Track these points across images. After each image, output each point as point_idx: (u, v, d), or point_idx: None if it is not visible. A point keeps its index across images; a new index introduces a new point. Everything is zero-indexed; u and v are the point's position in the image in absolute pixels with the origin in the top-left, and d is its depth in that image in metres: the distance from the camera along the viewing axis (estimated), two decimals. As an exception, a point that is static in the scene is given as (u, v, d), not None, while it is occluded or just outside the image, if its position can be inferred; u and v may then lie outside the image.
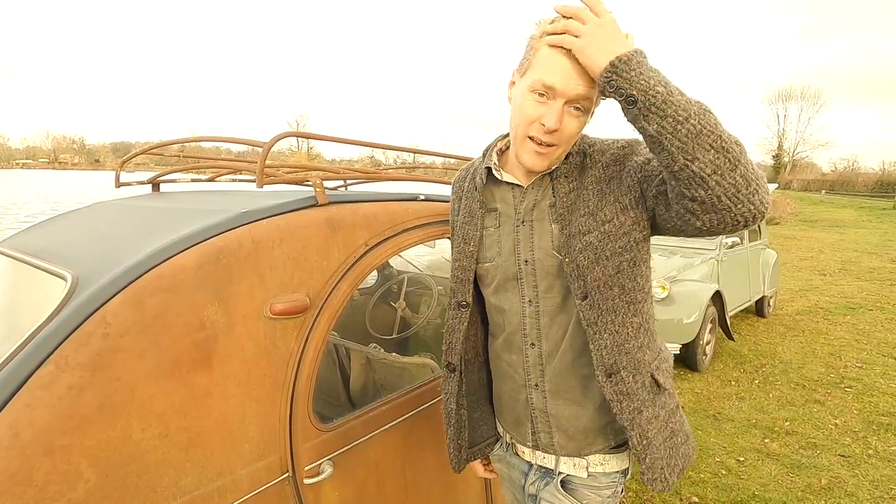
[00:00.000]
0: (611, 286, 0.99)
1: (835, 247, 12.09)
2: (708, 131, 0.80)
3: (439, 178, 1.95)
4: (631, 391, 1.02)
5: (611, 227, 0.98)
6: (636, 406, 1.03)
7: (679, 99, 0.81)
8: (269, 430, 1.16)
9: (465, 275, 1.14)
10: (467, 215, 1.15)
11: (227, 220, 1.16)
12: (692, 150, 0.80)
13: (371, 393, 1.97)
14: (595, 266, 0.98)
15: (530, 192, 1.08)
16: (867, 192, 42.24)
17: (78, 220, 1.60)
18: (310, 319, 1.23)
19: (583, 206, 1.01)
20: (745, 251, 5.36)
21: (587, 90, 0.92)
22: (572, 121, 0.95)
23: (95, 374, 0.93)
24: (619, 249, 0.99)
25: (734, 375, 4.33)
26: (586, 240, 0.99)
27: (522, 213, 1.08)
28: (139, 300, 1.00)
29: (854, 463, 2.99)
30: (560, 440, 1.11)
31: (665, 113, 0.80)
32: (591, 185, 1.02)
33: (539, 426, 1.13)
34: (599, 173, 1.02)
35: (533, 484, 1.18)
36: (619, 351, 1.01)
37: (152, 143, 1.87)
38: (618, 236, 0.98)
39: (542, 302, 1.07)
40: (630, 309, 1.01)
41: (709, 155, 0.80)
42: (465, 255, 1.13)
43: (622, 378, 1.01)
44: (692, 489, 2.73)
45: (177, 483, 1.02)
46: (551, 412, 1.10)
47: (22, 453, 0.85)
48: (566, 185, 1.04)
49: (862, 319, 5.91)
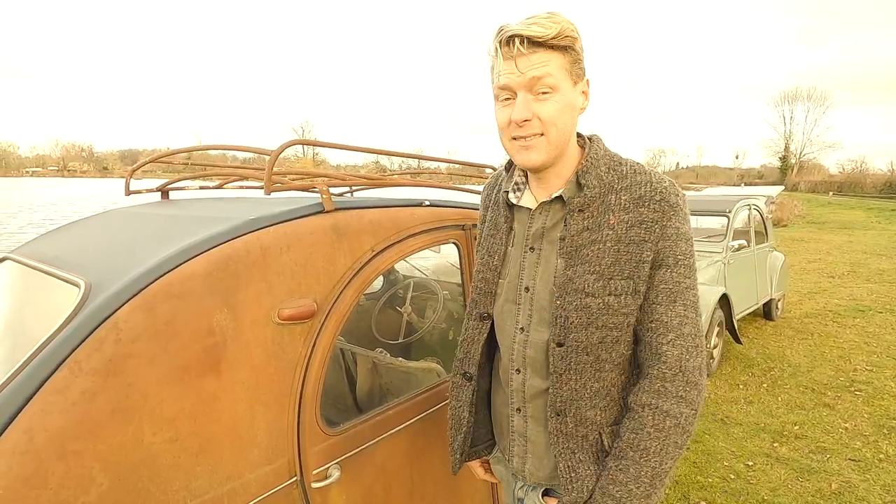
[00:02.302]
0: (587, 352, 0.97)
1: (843, 249, 11.99)
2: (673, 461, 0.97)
3: (444, 183, 1.97)
4: (570, 434, 1.01)
5: (615, 302, 0.95)
6: (571, 447, 1.01)
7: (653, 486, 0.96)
8: (278, 434, 1.18)
9: (488, 287, 1.11)
10: (493, 228, 1.13)
11: (236, 227, 1.18)
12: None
13: (377, 397, 1.98)
14: (584, 329, 0.96)
15: (538, 218, 1.04)
16: (876, 193, 41.86)
17: (90, 228, 1.62)
18: (317, 325, 1.25)
19: (594, 260, 0.96)
20: (753, 254, 5.33)
21: (540, 71, 0.90)
22: (543, 104, 0.92)
23: (108, 380, 0.95)
24: (612, 324, 0.96)
25: (742, 379, 4.30)
26: (586, 301, 0.95)
27: (531, 239, 1.05)
28: (150, 306, 1.01)
29: (865, 467, 2.96)
30: (531, 466, 1.11)
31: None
32: (609, 239, 0.95)
33: (515, 449, 1.12)
34: (621, 229, 0.95)
35: (521, 488, 1.18)
36: (570, 403, 1.00)
37: (161, 151, 1.90)
38: (618, 313, 0.96)
39: (531, 333, 1.04)
40: (594, 374, 0.99)
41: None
42: (490, 269, 1.11)
43: (565, 421, 1.01)
44: (700, 494, 2.72)
45: (187, 487, 1.03)
46: (530, 438, 1.09)
47: (36, 457, 0.87)
48: (580, 221, 0.98)
49: (871, 322, 5.86)
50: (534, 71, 0.90)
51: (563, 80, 0.92)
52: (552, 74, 0.91)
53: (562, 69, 0.92)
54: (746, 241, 5.23)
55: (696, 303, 0.99)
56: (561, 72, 0.92)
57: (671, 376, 0.95)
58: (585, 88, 0.98)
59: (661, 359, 0.96)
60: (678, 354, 0.96)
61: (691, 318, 0.97)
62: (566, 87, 0.93)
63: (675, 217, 0.95)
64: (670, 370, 0.95)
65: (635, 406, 0.98)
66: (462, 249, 1.72)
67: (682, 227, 0.96)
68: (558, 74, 0.91)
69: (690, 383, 0.96)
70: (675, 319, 0.96)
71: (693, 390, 0.96)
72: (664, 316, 0.96)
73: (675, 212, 0.95)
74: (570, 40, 0.91)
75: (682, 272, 0.96)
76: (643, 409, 0.96)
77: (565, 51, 0.91)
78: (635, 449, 0.95)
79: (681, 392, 0.95)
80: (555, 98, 0.92)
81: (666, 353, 0.96)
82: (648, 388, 0.97)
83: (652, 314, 0.97)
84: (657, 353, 0.97)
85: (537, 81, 0.91)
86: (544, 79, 0.91)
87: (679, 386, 0.95)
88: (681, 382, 0.95)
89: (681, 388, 0.95)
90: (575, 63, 0.94)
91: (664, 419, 0.95)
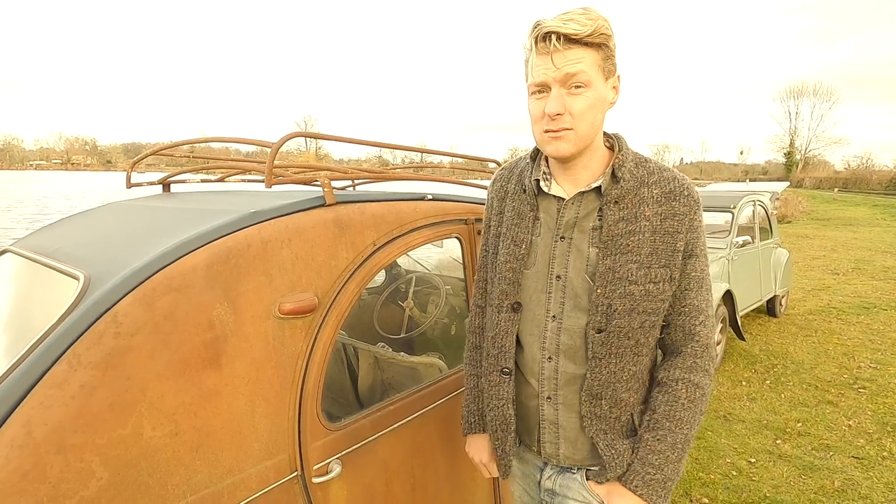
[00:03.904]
0: (628, 336, 1.03)
1: (848, 245, 11.93)
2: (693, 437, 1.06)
3: (447, 177, 1.95)
4: (604, 416, 1.07)
5: (654, 289, 1.02)
6: (604, 428, 1.08)
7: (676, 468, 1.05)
8: (278, 428, 1.17)
9: (515, 276, 1.12)
10: (517, 217, 1.14)
11: (237, 220, 1.17)
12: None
13: (379, 392, 1.98)
14: (626, 315, 1.02)
15: (571, 207, 1.07)
16: (881, 189, 41.58)
17: (90, 221, 1.61)
18: (318, 319, 1.24)
19: (635, 250, 1.02)
20: (757, 250, 5.30)
21: (575, 67, 0.93)
22: (576, 99, 0.96)
23: (107, 373, 0.94)
24: (651, 310, 1.03)
25: (745, 376, 4.29)
26: (630, 289, 1.01)
27: (562, 227, 1.07)
28: (150, 300, 1.00)
29: (868, 465, 2.95)
30: (566, 451, 1.13)
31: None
32: (647, 230, 1.02)
33: (546, 436, 1.14)
34: (656, 221, 1.02)
35: (550, 478, 1.18)
36: (608, 386, 1.06)
37: (163, 143, 1.89)
38: (656, 299, 1.03)
39: (565, 320, 1.07)
40: (633, 359, 1.06)
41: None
42: (516, 258, 1.12)
43: (600, 404, 1.07)
44: (702, 490, 2.71)
45: (187, 481, 1.03)
46: (561, 424, 1.12)
47: (35, 451, 0.87)
48: (617, 212, 1.03)
49: (876, 319, 5.83)
50: (568, 67, 0.93)
51: (595, 75, 0.96)
52: (586, 71, 0.94)
53: (595, 65, 0.95)
54: (751, 237, 5.20)
55: (710, 286, 1.11)
56: (594, 68, 0.95)
57: (701, 352, 1.08)
58: (616, 84, 1.03)
59: (694, 338, 1.08)
60: (707, 333, 1.08)
61: (710, 301, 1.10)
62: (598, 82, 0.97)
63: (699, 211, 1.05)
64: (701, 347, 1.08)
65: (669, 381, 1.08)
66: (465, 244, 1.71)
67: (702, 220, 1.07)
68: (591, 70, 0.95)
69: (712, 357, 1.10)
70: (704, 303, 1.08)
71: (712, 364, 1.10)
72: (695, 300, 1.07)
73: (699, 206, 1.05)
74: (605, 37, 0.94)
75: (703, 261, 1.07)
76: (677, 383, 1.07)
77: (599, 48, 0.95)
78: (671, 419, 1.05)
79: (707, 366, 1.09)
80: (587, 94, 0.96)
81: (699, 332, 1.07)
82: (682, 365, 1.08)
83: (684, 299, 1.06)
84: (691, 334, 1.08)
85: (571, 77, 0.94)
86: (578, 75, 0.94)
87: (706, 361, 1.09)
88: (707, 358, 1.09)
89: (707, 363, 1.09)
90: (607, 59, 0.97)
91: (695, 391, 1.06)
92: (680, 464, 1.05)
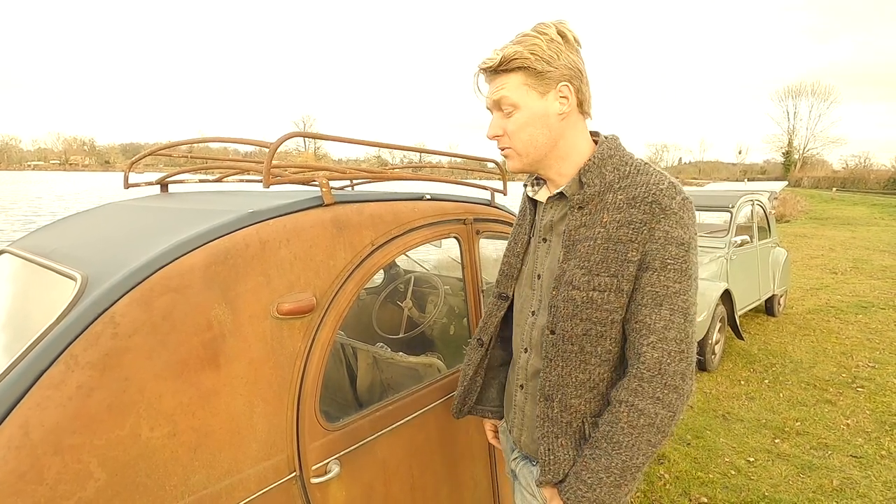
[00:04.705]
0: (572, 342, 1.03)
1: (846, 245, 11.95)
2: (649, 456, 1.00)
3: (445, 177, 1.95)
4: (555, 418, 1.07)
5: (598, 297, 1.00)
6: (554, 431, 1.07)
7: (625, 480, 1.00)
8: (277, 429, 1.17)
9: (511, 271, 1.22)
10: (521, 217, 1.24)
11: (235, 220, 1.17)
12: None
13: (378, 392, 1.98)
14: (569, 319, 1.03)
15: (548, 211, 1.13)
16: (879, 189, 41.65)
17: (87, 221, 1.61)
18: (316, 319, 1.24)
19: (584, 255, 1.01)
20: (755, 249, 5.31)
21: (498, 94, 1.02)
22: (508, 121, 1.04)
23: (104, 374, 0.94)
24: (594, 319, 1.01)
25: (744, 375, 4.29)
26: (572, 294, 1.02)
27: (542, 230, 1.14)
28: (148, 300, 1.00)
29: (866, 464, 2.95)
30: (526, 439, 1.19)
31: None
32: (600, 237, 1.00)
33: (515, 420, 1.22)
34: (612, 227, 0.99)
35: (515, 460, 1.26)
36: (557, 389, 1.06)
37: (161, 144, 1.88)
38: (601, 309, 1.00)
39: (540, 317, 1.12)
40: (580, 366, 1.04)
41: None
42: (514, 254, 1.22)
43: (552, 406, 1.07)
44: (701, 490, 2.71)
45: (185, 482, 1.02)
46: (526, 413, 1.18)
47: (32, 453, 0.86)
48: (579, 217, 1.04)
49: (874, 318, 5.84)
50: (493, 95, 1.04)
51: (523, 97, 1.01)
52: (508, 96, 1.02)
53: (520, 88, 1.01)
54: (749, 236, 5.20)
55: (685, 308, 0.98)
56: (520, 90, 1.01)
57: (649, 377, 0.97)
58: (565, 93, 1.02)
59: (640, 359, 0.98)
60: (658, 357, 0.97)
61: (677, 323, 0.97)
62: (530, 101, 1.01)
63: (665, 220, 0.96)
64: (648, 371, 0.97)
65: (613, 401, 1.02)
66: (463, 243, 1.71)
67: (672, 230, 0.96)
68: (517, 93, 1.01)
69: (669, 386, 0.97)
70: (660, 323, 0.97)
71: (672, 393, 0.97)
72: (648, 318, 0.98)
73: (666, 215, 0.96)
74: (520, 62, 0.98)
75: (670, 276, 0.97)
76: (619, 404, 1.00)
77: (519, 70, 1.00)
78: (609, 441, 1.00)
79: (658, 394, 0.97)
80: (516, 115, 1.03)
81: (645, 353, 0.98)
82: (626, 386, 1.00)
83: (636, 315, 0.99)
84: (637, 353, 0.99)
85: (498, 102, 1.04)
86: (502, 100, 1.03)
87: (656, 387, 0.97)
88: (658, 384, 0.97)
89: (658, 390, 0.97)
90: (538, 77, 1.00)
91: (638, 417, 0.97)
92: (617, 490, 0.99)
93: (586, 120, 1.09)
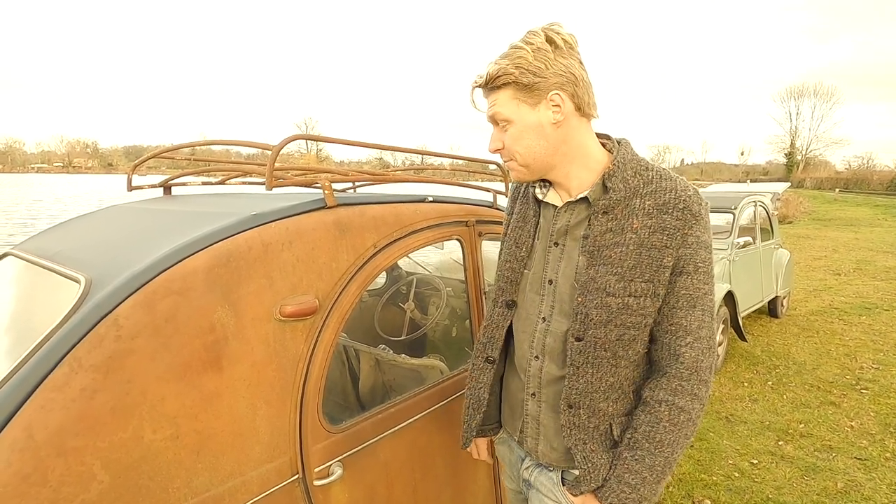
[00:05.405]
0: (605, 348, 1.03)
1: (849, 246, 11.91)
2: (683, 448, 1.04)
3: (447, 179, 1.95)
4: (583, 425, 1.07)
5: (634, 303, 1.01)
6: (583, 438, 1.07)
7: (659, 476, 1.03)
8: (279, 431, 1.17)
9: (514, 276, 1.18)
10: (521, 220, 1.19)
11: (237, 222, 1.17)
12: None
13: (380, 394, 1.98)
14: (603, 326, 1.02)
15: (563, 215, 1.10)
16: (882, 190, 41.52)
17: (91, 224, 1.62)
18: (319, 321, 1.24)
19: (617, 262, 1.01)
20: (758, 251, 5.29)
21: (492, 109, 1.04)
22: (505, 134, 1.06)
23: (108, 376, 0.94)
24: (630, 324, 1.02)
25: (747, 377, 4.28)
26: (607, 301, 1.01)
27: (555, 234, 1.11)
28: (151, 303, 1.00)
29: (871, 466, 2.94)
30: (544, 448, 1.16)
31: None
32: (632, 243, 1.00)
33: (528, 431, 1.18)
34: (643, 233, 1.00)
35: (528, 469, 1.22)
36: (585, 395, 1.06)
37: (164, 146, 1.89)
38: (636, 314, 1.01)
39: (552, 323, 1.10)
40: (611, 370, 1.05)
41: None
42: (517, 259, 1.17)
43: (579, 413, 1.07)
44: (704, 492, 2.70)
45: (188, 484, 1.03)
46: (542, 422, 1.15)
47: (36, 454, 0.86)
48: (605, 223, 1.03)
49: (878, 320, 5.82)
50: (489, 110, 1.05)
51: (515, 109, 1.02)
52: (500, 111, 1.03)
53: (512, 101, 1.01)
54: (752, 238, 5.19)
55: (712, 308, 1.04)
56: (511, 104, 1.02)
57: (687, 376, 1.02)
58: (557, 102, 1.01)
59: (679, 360, 1.03)
60: (695, 356, 1.02)
61: (707, 322, 1.03)
62: (522, 113, 1.02)
63: (696, 226, 1.00)
64: (687, 370, 1.02)
65: (652, 401, 1.04)
66: (465, 246, 1.71)
67: (702, 235, 1.01)
68: (509, 107, 1.02)
69: (703, 381, 1.03)
70: (694, 323, 1.02)
71: (704, 388, 1.04)
72: (683, 320, 1.02)
73: (697, 221, 1.00)
74: (505, 78, 0.99)
75: (701, 279, 1.02)
76: (660, 404, 1.03)
77: (507, 86, 1.00)
78: (651, 440, 1.02)
79: (695, 390, 1.03)
80: (511, 129, 1.04)
81: (684, 354, 1.03)
82: (666, 386, 1.03)
83: (672, 318, 1.03)
84: (675, 354, 1.03)
85: (494, 117, 1.05)
86: (496, 115, 1.04)
87: (694, 385, 1.03)
88: (696, 381, 1.03)
89: (695, 387, 1.03)
90: (526, 89, 1.00)
91: (679, 414, 1.02)
92: (658, 485, 1.04)
93: (592, 120, 1.07)
